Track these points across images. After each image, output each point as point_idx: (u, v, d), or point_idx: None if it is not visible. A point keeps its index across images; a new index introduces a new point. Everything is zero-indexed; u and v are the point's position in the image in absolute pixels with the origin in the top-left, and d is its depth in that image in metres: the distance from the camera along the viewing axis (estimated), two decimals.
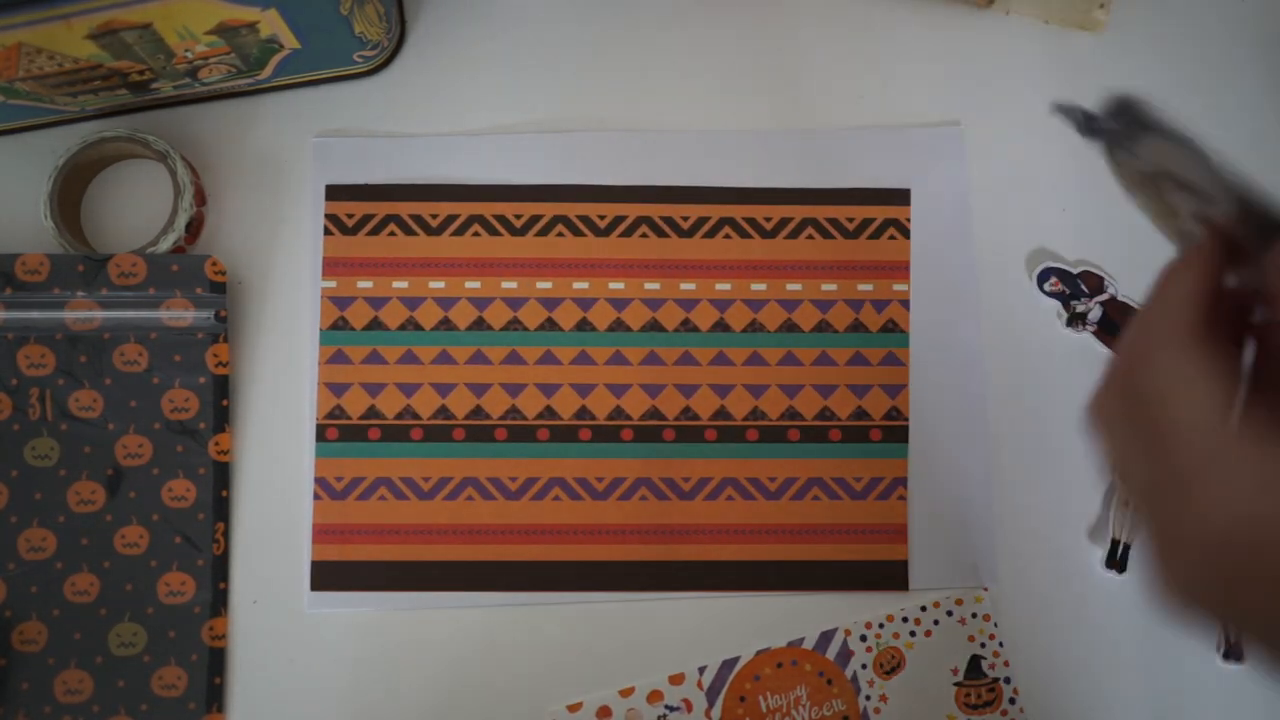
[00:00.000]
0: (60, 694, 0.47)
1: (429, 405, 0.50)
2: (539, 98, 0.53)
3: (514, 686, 0.48)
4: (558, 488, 0.49)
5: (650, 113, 0.53)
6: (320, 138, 0.52)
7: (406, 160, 0.52)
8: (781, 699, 0.48)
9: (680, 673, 0.48)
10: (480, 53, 0.53)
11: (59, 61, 0.43)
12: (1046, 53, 0.54)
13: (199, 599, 0.48)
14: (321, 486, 0.49)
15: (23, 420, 0.48)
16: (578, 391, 0.50)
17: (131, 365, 0.48)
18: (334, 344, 0.50)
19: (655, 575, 0.49)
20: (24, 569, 0.47)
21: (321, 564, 0.48)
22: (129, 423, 0.48)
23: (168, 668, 0.47)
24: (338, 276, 0.51)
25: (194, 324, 0.48)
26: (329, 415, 0.50)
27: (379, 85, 0.53)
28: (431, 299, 0.50)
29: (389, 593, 0.48)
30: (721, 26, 0.54)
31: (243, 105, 0.52)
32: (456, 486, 0.49)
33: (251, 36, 0.45)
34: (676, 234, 0.51)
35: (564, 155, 0.52)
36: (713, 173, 0.52)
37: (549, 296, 0.51)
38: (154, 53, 0.44)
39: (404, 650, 0.48)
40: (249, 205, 0.52)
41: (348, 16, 0.46)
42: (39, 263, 0.47)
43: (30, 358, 0.48)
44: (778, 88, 0.53)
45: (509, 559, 0.49)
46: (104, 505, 0.48)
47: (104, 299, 0.47)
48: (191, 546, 0.48)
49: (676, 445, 0.50)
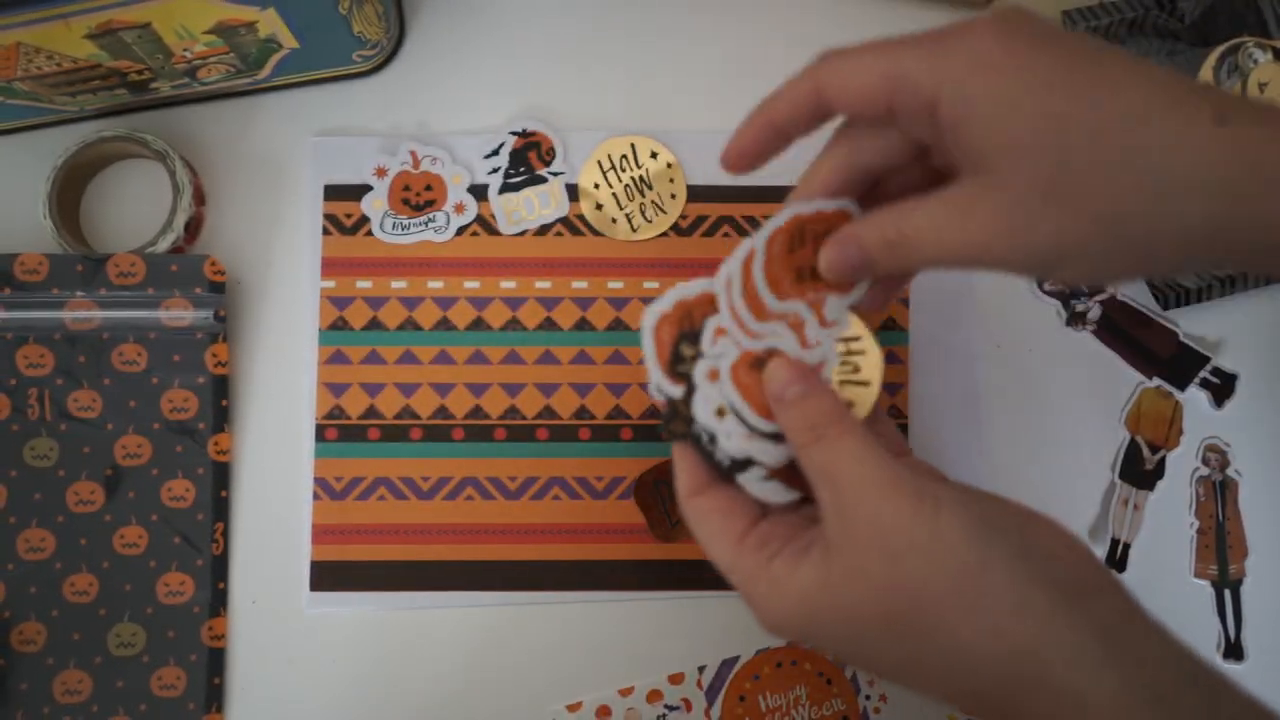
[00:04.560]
0: (59, 694, 0.46)
1: (428, 405, 0.50)
2: (539, 97, 0.53)
3: (514, 686, 0.48)
4: (557, 487, 0.49)
5: (650, 112, 0.53)
6: (319, 137, 0.52)
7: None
8: (781, 698, 0.48)
9: (680, 672, 0.48)
10: (479, 52, 0.53)
11: (58, 61, 0.43)
12: None
13: (198, 599, 0.47)
14: (321, 486, 0.49)
15: (22, 420, 0.48)
16: (577, 391, 0.50)
17: (130, 365, 0.48)
18: (333, 344, 0.50)
19: (655, 574, 0.49)
20: (23, 569, 0.47)
21: (321, 564, 0.48)
22: (128, 423, 0.48)
23: (167, 668, 0.47)
24: (336, 276, 0.51)
25: (193, 324, 0.48)
26: (328, 415, 0.49)
27: (378, 85, 0.53)
28: (430, 299, 0.50)
29: (388, 593, 0.48)
30: (721, 25, 0.54)
31: (242, 105, 0.52)
32: (456, 486, 0.49)
33: (250, 36, 0.45)
34: (676, 233, 0.51)
35: (564, 154, 0.52)
36: (712, 171, 0.52)
37: (548, 296, 0.51)
38: (153, 52, 0.44)
39: (403, 650, 0.48)
40: (248, 205, 0.51)
41: (346, 16, 0.46)
42: (38, 262, 0.47)
43: (29, 358, 0.48)
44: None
45: (509, 559, 0.49)
46: (103, 505, 0.48)
47: (103, 299, 0.47)
48: (190, 547, 0.48)
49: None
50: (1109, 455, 0.51)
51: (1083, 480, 0.50)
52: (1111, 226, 0.29)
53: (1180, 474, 0.50)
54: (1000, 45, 0.29)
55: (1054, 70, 0.29)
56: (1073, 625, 0.29)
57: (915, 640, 0.31)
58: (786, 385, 0.33)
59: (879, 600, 0.31)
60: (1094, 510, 0.50)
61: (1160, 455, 0.51)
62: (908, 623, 0.30)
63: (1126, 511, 0.50)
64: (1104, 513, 0.50)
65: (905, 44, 0.31)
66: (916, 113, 0.31)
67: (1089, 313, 0.51)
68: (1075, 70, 0.29)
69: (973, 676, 0.30)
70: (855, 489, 0.31)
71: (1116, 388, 0.51)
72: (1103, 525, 0.50)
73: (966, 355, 0.51)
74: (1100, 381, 0.51)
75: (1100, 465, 0.51)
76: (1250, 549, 0.50)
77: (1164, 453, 0.51)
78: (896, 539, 0.30)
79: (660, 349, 0.35)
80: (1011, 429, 0.51)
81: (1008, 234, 0.30)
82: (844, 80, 0.32)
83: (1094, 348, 0.51)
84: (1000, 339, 0.51)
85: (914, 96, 0.31)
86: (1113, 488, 0.50)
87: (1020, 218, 0.29)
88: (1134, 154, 0.28)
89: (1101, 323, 0.51)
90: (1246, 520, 0.50)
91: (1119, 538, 0.50)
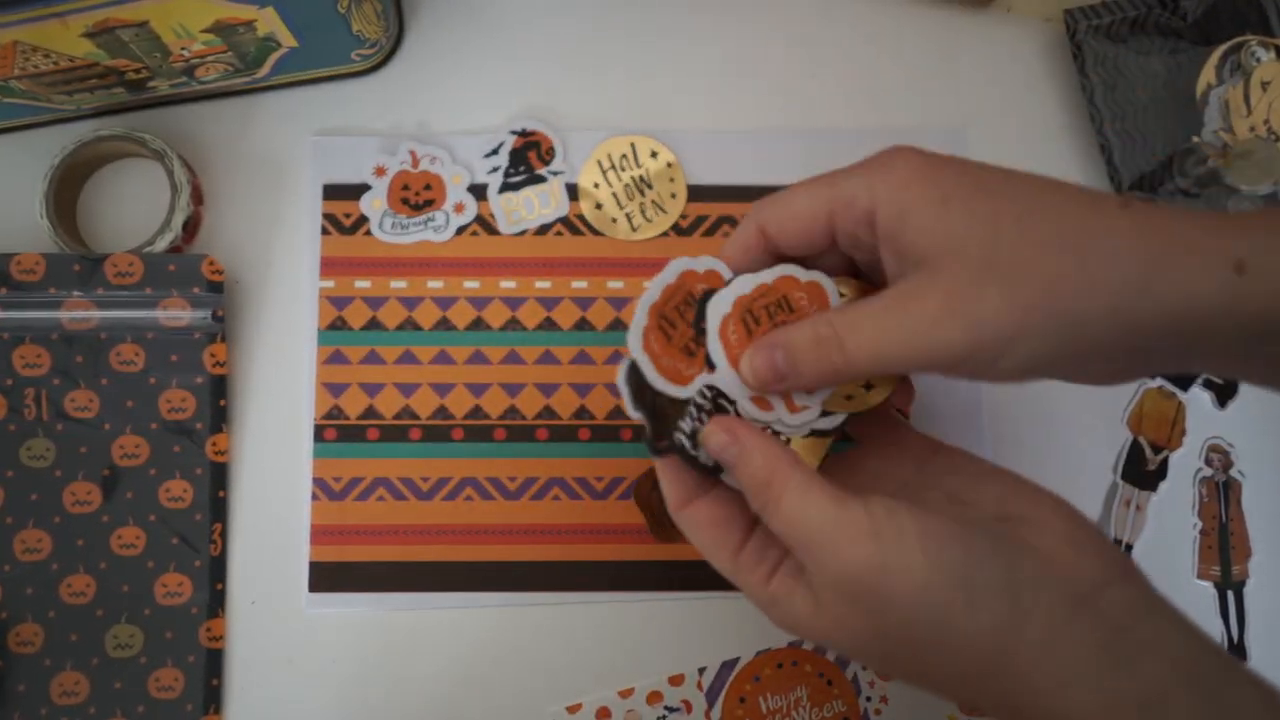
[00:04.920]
0: (57, 696, 0.46)
1: (428, 405, 0.49)
2: (538, 96, 0.53)
3: (513, 687, 0.48)
4: (557, 487, 0.49)
5: (649, 112, 0.53)
6: (318, 136, 0.52)
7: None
8: (782, 700, 0.48)
9: (680, 674, 0.48)
10: (479, 51, 0.53)
11: (55, 60, 0.43)
12: (1048, 50, 0.54)
13: (196, 600, 0.47)
14: (319, 487, 0.49)
15: (18, 421, 0.47)
16: (576, 391, 0.50)
17: (128, 365, 0.48)
18: (332, 344, 0.50)
19: (655, 575, 0.48)
20: (20, 570, 0.47)
21: (320, 565, 0.48)
22: (125, 423, 0.48)
23: (165, 669, 0.47)
24: (335, 276, 0.50)
25: (191, 324, 0.48)
26: (327, 415, 0.49)
27: (377, 84, 0.52)
28: (430, 299, 0.50)
29: (388, 593, 0.48)
30: (722, 26, 0.54)
31: (240, 104, 0.52)
32: (455, 486, 0.49)
33: (249, 35, 0.45)
34: (676, 233, 0.51)
35: (563, 154, 0.51)
36: (713, 171, 0.52)
37: (548, 296, 0.50)
38: (150, 51, 0.44)
39: (403, 652, 0.48)
40: (246, 204, 0.51)
41: (345, 14, 0.46)
42: (35, 262, 0.47)
43: (26, 358, 0.47)
44: (778, 88, 0.53)
45: (508, 559, 0.48)
46: (100, 506, 0.47)
47: (100, 299, 0.47)
48: (189, 547, 0.48)
49: None
50: (1111, 456, 0.50)
51: (1084, 481, 0.50)
52: (1048, 300, 0.29)
53: (1183, 475, 0.50)
54: (926, 162, 0.32)
55: (979, 177, 0.32)
56: (1068, 640, 0.29)
57: (921, 670, 0.31)
58: (723, 450, 0.33)
59: (870, 642, 0.31)
60: (1096, 511, 0.50)
61: (1163, 456, 0.50)
62: (905, 659, 0.31)
63: (1129, 512, 0.50)
64: (1106, 514, 0.50)
65: (837, 173, 0.34)
66: (856, 226, 0.33)
67: None
68: (997, 177, 0.32)
69: (977, 698, 0.31)
70: (815, 549, 0.31)
71: (1118, 388, 0.51)
72: (1105, 526, 0.50)
73: None
74: None
75: (1102, 466, 0.50)
76: (1253, 550, 0.50)
77: (1166, 453, 0.50)
78: (869, 597, 0.30)
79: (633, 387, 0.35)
80: (1013, 429, 0.50)
81: (949, 315, 0.30)
82: (782, 219, 0.34)
83: None
84: None
85: (852, 210, 0.33)
86: (1115, 489, 0.50)
87: (960, 298, 0.30)
88: (1059, 234, 0.30)
89: None
90: (1250, 521, 0.50)
91: (1121, 539, 0.49)
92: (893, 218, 0.32)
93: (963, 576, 0.30)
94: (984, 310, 0.30)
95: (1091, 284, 0.29)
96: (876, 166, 0.33)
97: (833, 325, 0.32)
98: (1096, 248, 0.30)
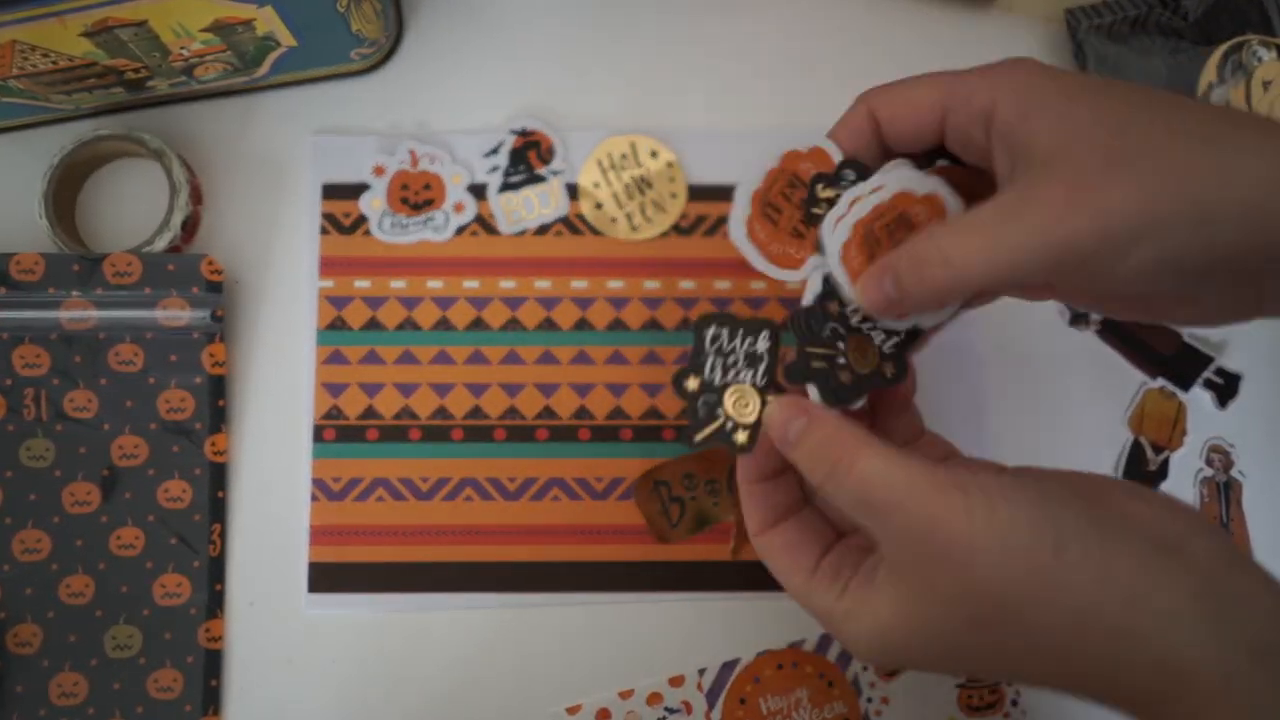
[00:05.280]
0: (55, 697, 0.46)
1: (427, 405, 0.49)
2: (538, 96, 0.52)
3: (513, 688, 0.48)
4: (557, 488, 0.49)
5: (649, 111, 0.52)
6: (317, 136, 0.52)
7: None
8: (782, 701, 0.48)
9: (680, 675, 0.48)
10: (478, 50, 0.53)
11: (53, 59, 0.43)
12: (1049, 50, 0.54)
13: (195, 601, 0.47)
14: (319, 487, 0.49)
15: (17, 421, 0.47)
16: (576, 391, 0.50)
17: (127, 365, 0.48)
18: (331, 344, 0.50)
19: (655, 576, 0.48)
20: (18, 570, 0.47)
21: (319, 565, 0.48)
22: (124, 423, 0.48)
23: (164, 670, 0.47)
24: (335, 276, 0.50)
25: (190, 324, 0.48)
26: (326, 416, 0.49)
27: (377, 83, 0.52)
28: (429, 298, 0.50)
29: (387, 594, 0.48)
30: (721, 25, 0.54)
31: (239, 103, 0.52)
32: (455, 487, 0.49)
33: (248, 34, 0.45)
34: (676, 232, 0.51)
35: (563, 153, 0.51)
36: (713, 171, 0.52)
37: (548, 296, 0.50)
38: (149, 50, 0.44)
39: (402, 652, 0.48)
40: (245, 204, 0.51)
41: (345, 14, 0.46)
42: (33, 262, 0.47)
43: (25, 358, 0.47)
44: (778, 87, 0.53)
45: (508, 559, 0.48)
46: (99, 506, 0.47)
47: (99, 298, 0.47)
48: (187, 548, 0.48)
49: (675, 444, 0.49)
50: (1112, 456, 0.50)
51: None
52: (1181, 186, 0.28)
53: (1184, 475, 0.50)
54: (1048, 68, 0.32)
55: (1104, 83, 0.31)
56: (1163, 587, 0.28)
57: (1005, 640, 0.30)
58: (786, 425, 0.33)
59: (957, 610, 0.30)
60: None
61: (1164, 456, 0.50)
62: (992, 624, 0.30)
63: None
64: None
65: (955, 71, 0.33)
66: (970, 123, 0.32)
67: (1092, 313, 0.51)
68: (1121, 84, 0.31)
69: (1070, 662, 0.29)
70: (895, 510, 0.30)
71: (1120, 388, 0.51)
72: None
73: (969, 356, 0.51)
74: (1103, 382, 0.51)
75: (1103, 466, 0.50)
76: (1254, 550, 0.50)
77: (1167, 454, 0.50)
78: (957, 548, 0.29)
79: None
80: (1014, 430, 0.50)
81: (1073, 205, 0.29)
82: (895, 105, 0.34)
83: (1097, 348, 0.51)
84: (1003, 339, 0.51)
85: (969, 105, 0.32)
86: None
87: (1086, 188, 0.29)
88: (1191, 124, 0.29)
89: (1105, 323, 0.51)
90: (1250, 521, 0.50)
91: None
92: (1013, 114, 0.31)
93: (1050, 521, 0.29)
94: (1112, 198, 0.28)
95: (1224, 174, 0.28)
96: (998, 67, 0.32)
97: (935, 239, 0.31)
98: (1229, 140, 0.29)
